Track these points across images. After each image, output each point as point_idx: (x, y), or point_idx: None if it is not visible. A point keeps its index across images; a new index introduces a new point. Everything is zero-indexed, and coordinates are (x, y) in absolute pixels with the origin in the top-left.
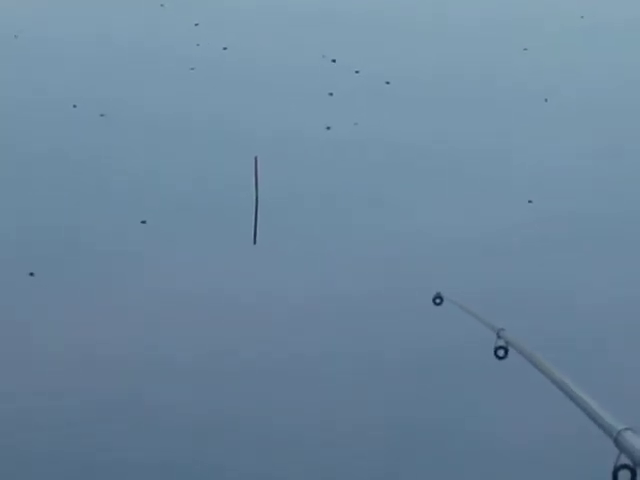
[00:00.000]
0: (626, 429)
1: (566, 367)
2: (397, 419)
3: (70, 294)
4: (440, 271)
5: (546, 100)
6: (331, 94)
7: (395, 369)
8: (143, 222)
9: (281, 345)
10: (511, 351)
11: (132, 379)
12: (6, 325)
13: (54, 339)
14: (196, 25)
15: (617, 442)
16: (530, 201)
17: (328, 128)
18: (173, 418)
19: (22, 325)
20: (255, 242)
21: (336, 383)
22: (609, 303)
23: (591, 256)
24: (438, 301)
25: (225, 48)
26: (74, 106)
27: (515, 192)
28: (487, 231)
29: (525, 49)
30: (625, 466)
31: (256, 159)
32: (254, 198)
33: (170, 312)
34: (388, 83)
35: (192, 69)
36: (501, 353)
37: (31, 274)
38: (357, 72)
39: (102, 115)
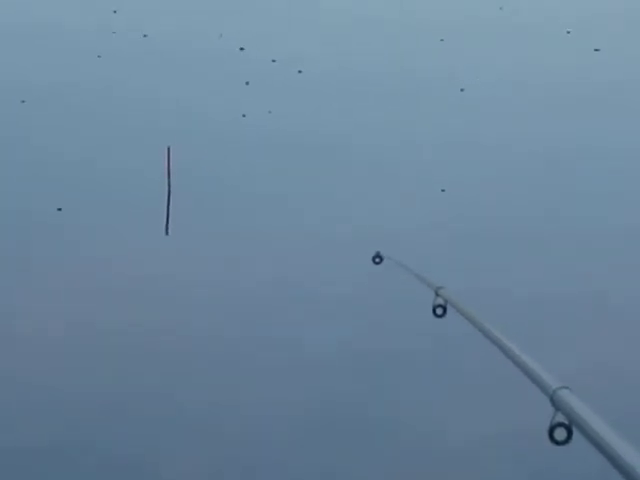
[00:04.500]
0: (562, 387)
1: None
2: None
3: None
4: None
5: (462, 90)
6: (247, 83)
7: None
8: (59, 209)
9: (200, 329)
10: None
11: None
12: None
13: None
14: (114, 12)
15: (553, 400)
16: (443, 190)
17: (244, 116)
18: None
19: None
20: (167, 233)
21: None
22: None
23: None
24: (378, 260)
25: (145, 35)
26: None
27: (429, 183)
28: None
29: (442, 40)
30: (561, 424)
31: (169, 149)
32: (167, 188)
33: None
34: (300, 72)
35: (99, 57)
36: (439, 311)
37: None
38: (274, 61)
39: (23, 101)
